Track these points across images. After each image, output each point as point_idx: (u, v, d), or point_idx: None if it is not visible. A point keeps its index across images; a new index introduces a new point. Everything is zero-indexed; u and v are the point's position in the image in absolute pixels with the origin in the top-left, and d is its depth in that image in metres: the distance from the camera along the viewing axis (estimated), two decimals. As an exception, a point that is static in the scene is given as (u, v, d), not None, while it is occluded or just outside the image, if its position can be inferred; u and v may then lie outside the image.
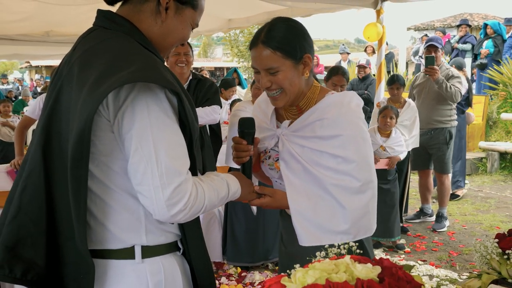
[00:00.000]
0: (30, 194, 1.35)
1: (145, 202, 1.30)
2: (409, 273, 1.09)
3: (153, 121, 1.28)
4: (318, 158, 1.69)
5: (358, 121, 1.73)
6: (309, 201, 1.69)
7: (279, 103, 1.73)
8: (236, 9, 6.78)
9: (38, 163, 1.35)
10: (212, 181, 1.46)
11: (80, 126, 1.24)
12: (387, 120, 4.59)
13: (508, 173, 8.23)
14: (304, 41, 1.71)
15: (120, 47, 1.35)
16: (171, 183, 1.27)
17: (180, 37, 1.49)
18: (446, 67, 5.28)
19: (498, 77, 9.89)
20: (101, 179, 1.35)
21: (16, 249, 1.33)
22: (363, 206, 1.70)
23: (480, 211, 6.14)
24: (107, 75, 1.25)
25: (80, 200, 1.28)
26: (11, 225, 1.35)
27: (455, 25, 16.94)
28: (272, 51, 1.65)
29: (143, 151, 1.27)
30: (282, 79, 1.67)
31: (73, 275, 1.34)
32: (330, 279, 0.99)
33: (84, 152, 1.25)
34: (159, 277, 1.40)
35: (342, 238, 1.67)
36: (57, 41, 8.32)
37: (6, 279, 1.34)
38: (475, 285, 1.53)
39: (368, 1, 5.37)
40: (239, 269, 4.16)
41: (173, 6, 1.42)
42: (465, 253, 4.64)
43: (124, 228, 1.37)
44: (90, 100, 1.24)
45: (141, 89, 1.29)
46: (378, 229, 4.97)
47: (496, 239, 1.59)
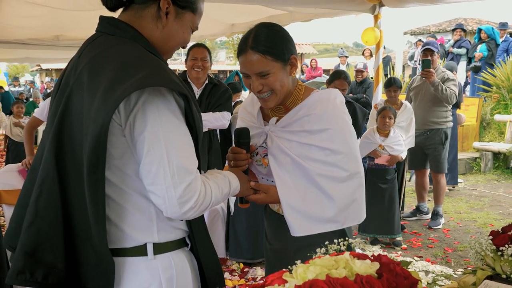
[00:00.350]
0: (46, 200, 1.34)
1: (158, 201, 1.31)
2: (407, 269, 1.09)
3: (163, 123, 1.29)
4: (306, 151, 1.71)
5: (344, 116, 1.76)
6: (298, 193, 1.70)
7: (269, 104, 1.75)
8: (239, 14, 6.78)
9: (51, 169, 1.34)
10: (216, 178, 1.48)
11: (95, 132, 1.24)
12: (386, 120, 4.60)
13: (501, 172, 8.22)
14: (289, 43, 1.73)
15: (128, 53, 1.35)
16: (183, 182, 1.28)
17: (181, 40, 1.49)
18: (442, 70, 5.28)
19: (492, 80, 9.88)
20: (114, 182, 1.35)
21: (36, 254, 1.33)
22: (350, 194, 1.72)
23: (474, 209, 6.13)
24: (119, 81, 1.25)
25: (98, 203, 1.28)
26: (29, 231, 1.34)
27: (450, 29, 16.90)
28: (262, 56, 1.66)
29: (155, 153, 1.27)
30: (273, 81, 1.68)
31: (91, 275, 1.34)
32: (330, 275, 0.99)
33: (100, 157, 1.26)
34: (171, 272, 1.41)
35: (331, 226, 1.70)
36: (66, 45, 8.35)
37: (28, 283, 1.33)
38: (470, 280, 1.53)
39: (366, 7, 5.37)
40: (241, 265, 4.17)
41: (173, 11, 1.42)
42: (459, 250, 4.64)
43: (137, 227, 1.38)
44: (104, 106, 1.23)
45: (151, 92, 1.29)
46: (377, 227, 5.00)
47: (490, 236, 1.58)
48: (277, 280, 1.03)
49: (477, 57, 10.71)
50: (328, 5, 5.34)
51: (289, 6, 5.82)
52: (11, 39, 8.04)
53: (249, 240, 4.13)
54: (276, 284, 1.00)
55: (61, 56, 10.62)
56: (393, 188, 4.71)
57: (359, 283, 0.97)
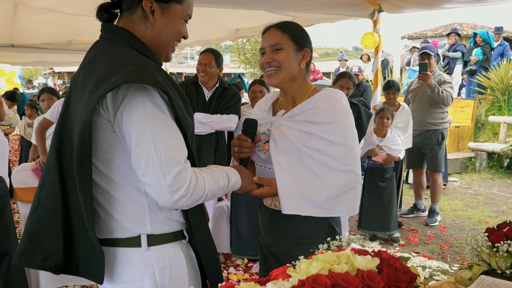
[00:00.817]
0: (47, 191, 1.40)
1: (150, 190, 1.33)
2: (406, 264, 1.09)
3: (149, 117, 1.30)
4: (307, 140, 1.73)
5: (348, 114, 1.79)
6: (293, 176, 1.72)
7: (273, 80, 1.80)
8: (243, 20, 6.78)
9: (52, 162, 1.40)
10: (212, 171, 1.48)
11: (80, 127, 1.28)
12: (384, 120, 4.59)
13: (496, 171, 8.19)
14: (308, 39, 1.83)
15: (117, 54, 1.37)
16: (171, 171, 1.30)
17: (174, 33, 1.48)
18: (439, 73, 5.27)
19: (486, 83, 9.86)
20: (107, 174, 1.39)
21: (36, 238, 1.40)
22: (342, 186, 1.72)
23: (469, 207, 6.11)
24: (104, 79, 1.28)
25: (86, 193, 1.32)
26: (32, 217, 1.41)
27: (445, 34, 16.86)
28: (281, 32, 1.77)
29: (143, 145, 1.29)
30: (283, 57, 1.76)
31: (86, 261, 1.39)
32: (333, 270, 0.99)
33: (86, 150, 1.29)
34: (164, 264, 1.43)
35: (318, 212, 1.71)
36: (78, 49, 8.38)
37: (28, 264, 1.43)
38: (466, 275, 1.53)
39: (365, 12, 5.36)
40: (245, 260, 4.17)
41: (158, 8, 1.43)
42: (455, 246, 4.62)
43: (130, 218, 1.40)
44: (88, 102, 1.27)
45: (136, 89, 1.31)
46: (376, 223, 4.99)
47: (486, 233, 1.58)
48: (281, 274, 1.03)
49: (473, 60, 10.67)
50: (329, 10, 5.34)
51: (291, 12, 5.81)
52: (26, 43, 8.08)
53: (251, 237, 4.11)
54: (281, 279, 0.99)
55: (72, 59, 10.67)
56: (391, 187, 4.70)
57: (360, 278, 0.97)
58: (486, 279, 1.45)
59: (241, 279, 3.78)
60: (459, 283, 1.53)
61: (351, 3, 5.18)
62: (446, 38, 16.16)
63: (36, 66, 21.17)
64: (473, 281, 1.48)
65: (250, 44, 21.94)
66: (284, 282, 0.98)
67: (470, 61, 10.77)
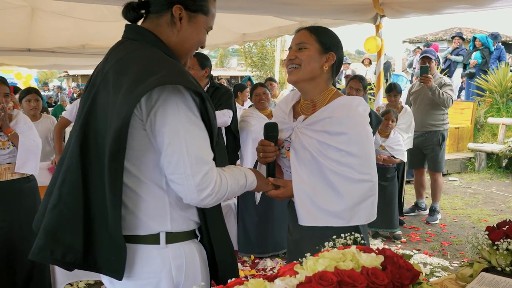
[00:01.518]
0: (69, 186, 1.37)
1: (178, 188, 1.34)
2: (409, 262, 1.08)
3: (182, 118, 1.31)
4: (324, 150, 1.70)
5: (364, 122, 1.74)
6: (310, 186, 1.70)
7: (292, 77, 1.78)
8: (250, 25, 6.78)
9: (75, 158, 1.37)
10: (232, 171, 1.49)
11: (118, 124, 1.26)
12: (389, 122, 4.57)
13: (494, 171, 8.14)
14: (337, 44, 1.80)
15: (149, 56, 1.37)
16: (200, 171, 1.31)
17: (196, 41, 1.50)
18: (439, 76, 5.25)
19: (485, 85, 9.81)
20: (133, 172, 1.37)
21: (56, 234, 1.36)
22: (359, 195, 1.69)
23: (469, 206, 6.07)
24: (141, 79, 1.28)
25: (116, 190, 1.30)
26: (52, 213, 1.37)
27: (445, 38, 16.79)
28: (309, 33, 1.77)
29: (175, 145, 1.30)
30: (306, 55, 1.74)
31: (105, 257, 1.36)
32: (338, 267, 0.99)
33: (121, 147, 1.28)
34: (180, 261, 1.42)
35: (337, 222, 1.68)
36: (91, 53, 8.40)
37: (48, 260, 1.38)
38: (467, 272, 1.52)
39: (368, 17, 5.34)
40: (252, 257, 4.16)
41: (186, 16, 1.44)
42: (455, 243, 4.60)
43: (152, 215, 1.39)
44: (127, 101, 1.26)
45: (170, 91, 1.31)
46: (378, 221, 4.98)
47: (486, 232, 1.57)
48: (288, 271, 1.03)
49: (472, 64, 10.61)
50: (333, 15, 5.32)
51: (297, 17, 5.81)
52: (42, 48, 8.12)
53: (258, 236, 4.11)
54: (288, 275, 0.99)
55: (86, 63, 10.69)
56: (393, 186, 4.69)
57: (365, 274, 0.97)
58: (486, 276, 1.45)
59: (248, 275, 3.78)
60: (460, 279, 1.53)
61: (355, 8, 5.17)
62: (446, 42, 16.10)
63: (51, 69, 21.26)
64: (473, 278, 1.47)
65: (257, 48, 21.94)
66: (292, 279, 0.98)
67: (470, 64, 10.71)
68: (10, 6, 5.66)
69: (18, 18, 6.33)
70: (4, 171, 3.02)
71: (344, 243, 1.23)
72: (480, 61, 10.51)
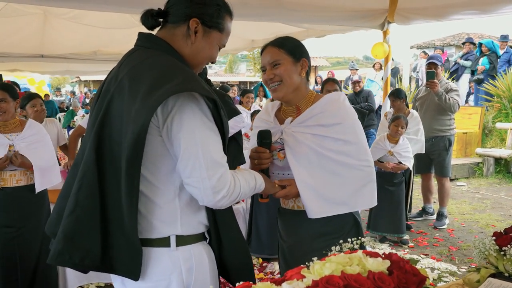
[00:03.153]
0: (86, 192, 1.38)
1: (194, 191, 1.36)
2: (415, 266, 1.08)
3: (198, 123, 1.33)
4: (320, 142, 1.74)
5: (353, 114, 1.82)
6: (313, 179, 1.73)
7: (278, 94, 1.82)
8: (259, 31, 6.81)
9: (91, 164, 1.38)
10: (243, 173, 1.52)
11: (136, 130, 1.28)
12: (399, 129, 4.53)
13: (503, 176, 8.06)
14: (303, 50, 1.84)
15: (164, 63, 1.39)
16: (216, 173, 1.33)
17: (208, 56, 1.52)
18: (445, 82, 5.23)
19: (493, 91, 9.73)
20: (147, 177, 1.39)
21: (74, 239, 1.37)
22: (360, 180, 1.75)
23: (477, 211, 6.02)
24: (157, 87, 1.30)
25: (132, 194, 1.32)
26: (69, 218, 1.38)
27: (453, 43, 16.68)
28: (277, 48, 1.80)
29: (191, 149, 1.32)
30: (283, 71, 1.77)
31: (121, 260, 1.38)
32: (345, 271, 0.99)
33: (138, 153, 1.30)
34: (190, 263, 1.44)
35: (343, 208, 1.74)
36: (103, 59, 8.48)
37: (66, 264, 1.40)
38: (474, 278, 1.51)
39: (375, 23, 5.34)
40: (260, 260, 4.16)
41: (201, 30, 1.46)
42: (463, 249, 4.56)
43: (164, 220, 1.41)
44: (144, 108, 1.28)
45: (186, 97, 1.33)
46: (386, 226, 4.94)
47: (493, 237, 1.56)
48: (296, 275, 1.03)
49: (480, 70, 10.54)
50: (341, 22, 5.34)
51: (305, 24, 5.82)
52: (55, 54, 8.22)
53: (270, 237, 4.13)
54: (295, 279, 1.00)
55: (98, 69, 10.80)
56: (400, 191, 4.66)
57: (371, 279, 0.97)
58: (493, 281, 1.44)
59: (256, 278, 3.78)
60: (467, 285, 1.52)
61: (362, 15, 5.18)
62: (454, 47, 16.01)
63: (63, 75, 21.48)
64: (481, 283, 1.46)
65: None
66: (299, 282, 0.98)
67: (477, 70, 10.64)
68: (24, 13, 5.74)
69: (31, 25, 6.42)
70: (10, 177, 3.02)
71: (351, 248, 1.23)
72: (488, 66, 10.44)
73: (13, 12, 5.53)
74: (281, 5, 4.66)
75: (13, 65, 9.91)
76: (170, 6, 1.48)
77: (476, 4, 4.49)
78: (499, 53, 10.49)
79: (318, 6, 4.88)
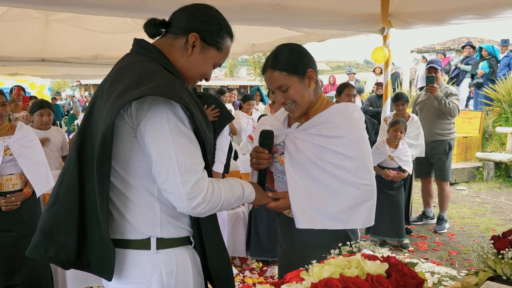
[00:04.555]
0: (66, 187, 1.42)
1: (170, 197, 1.36)
2: (413, 269, 1.09)
3: (172, 129, 1.33)
4: (320, 153, 1.70)
5: (360, 128, 1.74)
6: (305, 188, 1.69)
7: (295, 114, 1.80)
8: (259, 35, 6.84)
9: (72, 161, 1.42)
10: (227, 181, 1.50)
11: (103, 129, 1.30)
12: (398, 133, 4.54)
13: (503, 180, 8.06)
14: (305, 59, 1.76)
15: (145, 68, 1.41)
16: (190, 179, 1.33)
17: (201, 72, 1.53)
18: (445, 86, 5.24)
19: (493, 95, 9.74)
20: (124, 177, 1.41)
21: (51, 233, 1.41)
22: (355, 198, 1.67)
23: (477, 215, 6.02)
24: (130, 88, 1.31)
25: (103, 192, 1.34)
26: (48, 212, 1.42)
27: (453, 48, 16.71)
28: (279, 72, 1.72)
29: (165, 155, 1.32)
30: (293, 93, 1.74)
31: (97, 258, 1.40)
32: (344, 274, 1.00)
33: (107, 151, 1.32)
34: (171, 267, 1.44)
35: (333, 224, 1.67)
36: (103, 63, 8.51)
37: (42, 258, 1.43)
38: (472, 281, 1.52)
39: (375, 28, 5.36)
40: (260, 264, 4.17)
41: (199, 45, 1.48)
42: (463, 253, 4.56)
43: (142, 221, 1.42)
44: (113, 107, 1.30)
45: (161, 102, 1.34)
46: (386, 230, 4.94)
47: (491, 241, 1.57)
48: (295, 277, 1.04)
49: (479, 74, 10.56)
50: (341, 26, 5.35)
51: (305, 28, 5.84)
52: (56, 58, 8.25)
53: (269, 240, 4.14)
54: (294, 282, 1.01)
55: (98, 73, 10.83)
56: (399, 195, 4.67)
57: (370, 282, 0.98)
58: (492, 285, 1.44)
59: (256, 282, 3.78)
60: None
61: (362, 20, 5.19)
62: (454, 51, 16.03)
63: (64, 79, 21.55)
64: (479, 286, 1.47)
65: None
66: (298, 285, 0.99)
67: (477, 74, 10.66)
68: (25, 17, 5.76)
69: (33, 29, 6.45)
70: (6, 182, 3.04)
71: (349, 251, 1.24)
72: (487, 70, 10.45)
73: (14, 16, 5.55)
74: (281, 10, 4.68)
75: (14, 69, 9.95)
76: (174, 18, 1.51)
77: (476, 8, 4.50)
78: (499, 58, 10.50)
79: (318, 11, 4.90)
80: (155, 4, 3.78)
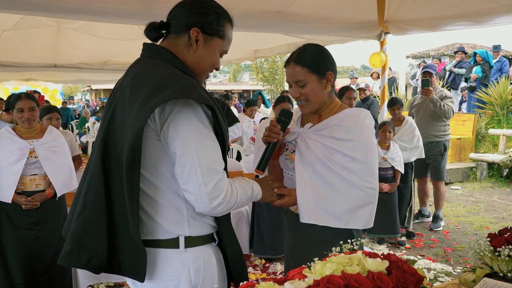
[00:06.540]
0: (93, 195, 1.39)
1: (190, 197, 1.33)
2: (413, 267, 1.07)
3: (194, 130, 1.31)
4: (329, 153, 1.69)
5: (370, 134, 1.73)
6: (313, 186, 1.69)
7: (305, 110, 1.79)
8: (261, 42, 6.84)
9: (98, 168, 1.39)
10: (241, 182, 1.49)
11: (132, 136, 1.28)
12: (386, 134, 4.53)
13: (496, 180, 8.02)
14: (328, 61, 1.75)
15: (164, 72, 1.38)
16: (212, 180, 1.31)
17: (210, 64, 1.50)
18: (440, 89, 5.21)
19: (486, 98, 9.71)
20: (151, 180, 1.38)
21: (82, 240, 1.37)
22: (359, 200, 1.67)
23: (471, 213, 5.98)
24: (154, 94, 1.29)
25: (133, 197, 1.31)
26: (78, 220, 1.39)
27: (447, 53, 16.68)
28: (301, 68, 1.72)
29: (187, 156, 1.30)
30: (309, 91, 1.73)
31: (129, 261, 1.37)
32: (345, 271, 0.98)
33: (136, 157, 1.29)
34: (199, 264, 1.42)
35: (335, 222, 1.67)
36: (113, 69, 8.53)
37: (75, 265, 1.40)
38: (470, 278, 1.49)
39: (373, 34, 5.35)
40: (263, 261, 4.14)
41: (202, 38, 1.45)
42: (458, 250, 4.53)
43: (170, 221, 1.40)
44: (140, 114, 1.28)
45: (182, 105, 1.32)
46: (382, 228, 4.90)
47: (488, 238, 1.54)
48: (297, 275, 1.02)
49: (473, 78, 10.53)
50: (340, 33, 5.34)
51: (305, 34, 5.83)
52: (67, 63, 8.27)
53: (271, 238, 4.12)
54: (297, 279, 0.99)
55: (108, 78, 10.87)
56: (394, 194, 4.64)
57: (371, 278, 0.96)
58: (489, 281, 1.42)
59: (259, 278, 3.76)
60: (463, 284, 1.50)
61: (360, 26, 5.18)
62: (448, 57, 16.00)
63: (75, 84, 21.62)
64: (476, 283, 1.45)
65: (268, 64, 22.12)
66: (301, 282, 0.97)
67: (471, 78, 10.63)
68: (38, 25, 5.78)
69: (45, 37, 6.47)
70: (30, 182, 3.04)
71: (350, 248, 1.22)
72: (480, 75, 10.43)
73: (28, 24, 5.57)
74: (283, 17, 4.68)
75: (28, 75, 10.00)
76: (172, 17, 1.48)
77: (469, 15, 4.49)
78: (492, 63, 10.48)
79: (317, 17, 4.90)
80: (161, 11, 3.77)
